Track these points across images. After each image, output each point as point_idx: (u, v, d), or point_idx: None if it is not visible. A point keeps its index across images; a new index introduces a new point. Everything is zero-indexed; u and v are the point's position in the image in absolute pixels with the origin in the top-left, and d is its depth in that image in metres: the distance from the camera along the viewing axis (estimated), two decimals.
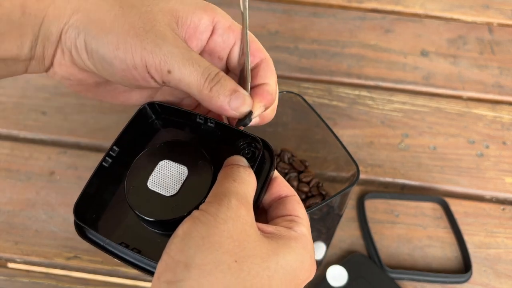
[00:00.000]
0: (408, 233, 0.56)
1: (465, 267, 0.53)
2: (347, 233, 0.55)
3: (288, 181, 0.51)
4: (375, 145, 0.63)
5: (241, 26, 0.32)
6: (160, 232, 0.29)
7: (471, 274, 0.52)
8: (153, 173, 0.29)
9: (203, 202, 0.27)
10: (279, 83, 0.36)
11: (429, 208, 0.58)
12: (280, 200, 0.30)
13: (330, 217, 0.47)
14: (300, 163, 0.53)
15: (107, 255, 0.28)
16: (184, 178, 0.29)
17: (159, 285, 0.24)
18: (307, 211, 0.40)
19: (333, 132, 0.46)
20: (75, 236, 0.55)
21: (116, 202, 0.30)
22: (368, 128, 0.64)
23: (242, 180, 0.27)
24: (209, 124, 0.32)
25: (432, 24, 0.78)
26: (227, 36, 0.31)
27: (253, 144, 0.31)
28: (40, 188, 0.58)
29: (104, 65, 0.28)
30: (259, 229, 0.26)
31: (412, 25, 0.78)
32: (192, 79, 0.28)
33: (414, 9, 0.80)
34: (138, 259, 0.28)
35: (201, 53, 0.31)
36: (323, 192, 0.52)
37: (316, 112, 0.48)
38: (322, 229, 0.49)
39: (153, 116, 0.34)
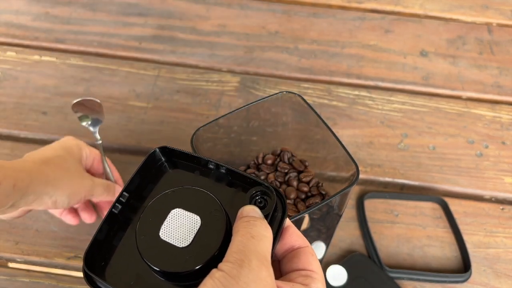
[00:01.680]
0: (408, 232, 0.56)
1: (464, 266, 0.53)
2: (346, 233, 0.56)
3: (288, 181, 0.52)
4: (375, 145, 0.63)
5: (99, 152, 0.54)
6: (172, 282, 0.28)
7: (470, 273, 0.52)
8: (165, 223, 0.29)
9: (217, 254, 0.26)
10: (279, 83, 0.35)
11: (428, 208, 0.58)
12: (294, 252, 0.30)
13: (330, 217, 0.48)
14: (300, 163, 0.53)
15: None
16: (197, 228, 0.28)
17: None
18: (307, 211, 0.40)
19: (333, 132, 0.46)
20: (75, 236, 0.55)
21: (126, 250, 0.30)
22: (367, 128, 0.65)
23: (260, 236, 0.27)
24: (221, 170, 0.32)
25: (431, 24, 0.78)
26: (92, 159, 0.54)
27: (266, 193, 0.30)
28: None
29: (63, 204, 0.47)
30: None
31: (411, 25, 0.78)
32: (102, 192, 0.51)
33: (414, 9, 0.80)
34: None
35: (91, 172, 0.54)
36: (323, 192, 0.52)
37: (316, 112, 0.48)
38: (322, 229, 0.49)
39: (163, 159, 0.33)
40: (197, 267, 0.26)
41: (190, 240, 0.28)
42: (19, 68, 0.71)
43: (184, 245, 0.28)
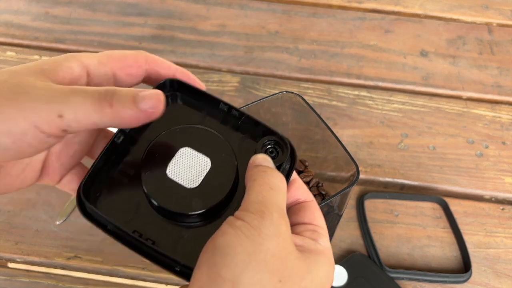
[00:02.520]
0: (408, 232, 0.56)
1: (464, 267, 0.53)
2: (346, 233, 0.55)
3: None
4: (375, 145, 0.63)
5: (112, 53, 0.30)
6: (172, 222, 0.27)
7: (470, 274, 0.52)
8: (173, 160, 0.27)
9: (225, 200, 0.26)
10: (279, 83, 0.35)
11: (428, 208, 0.58)
12: (299, 205, 0.29)
13: (330, 217, 0.48)
14: (300, 163, 0.53)
15: (111, 237, 0.27)
16: (207, 170, 0.27)
17: None
18: None
19: (333, 132, 0.46)
20: (75, 236, 0.55)
21: (126, 185, 0.28)
22: (367, 128, 0.65)
23: (278, 188, 0.26)
24: (233, 113, 0.30)
25: (431, 24, 0.78)
26: (103, 71, 0.29)
27: (278, 143, 0.29)
28: (41, 188, 0.58)
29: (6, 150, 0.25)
30: None
31: (411, 25, 0.78)
32: (87, 108, 0.25)
33: (414, 9, 0.80)
34: (145, 245, 0.26)
35: None
36: (323, 192, 0.52)
37: (316, 112, 0.48)
38: None
39: (174, 94, 0.31)
40: (205, 210, 0.26)
41: (199, 182, 0.27)
42: None
43: (192, 186, 0.27)
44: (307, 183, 0.52)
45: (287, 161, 0.29)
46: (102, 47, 0.74)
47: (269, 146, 0.29)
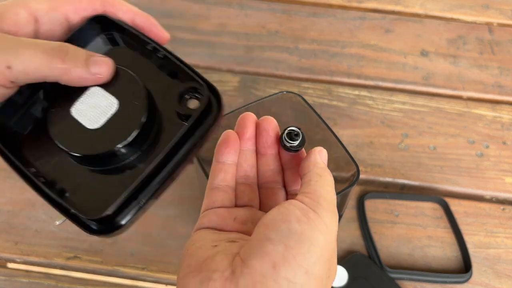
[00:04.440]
0: (408, 233, 0.56)
1: (465, 267, 0.53)
2: (347, 233, 0.55)
3: None
4: (375, 145, 0.63)
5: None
6: (77, 164, 0.26)
7: (471, 274, 0.52)
8: (79, 100, 0.26)
9: (128, 148, 0.25)
10: (279, 83, 0.35)
11: (429, 208, 0.58)
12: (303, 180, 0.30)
13: None
14: None
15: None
16: (112, 112, 0.26)
17: (277, 278, 0.23)
18: None
19: (333, 132, 0.46)
20: (75, 236, 0.55)
21: (39, 124, 0.27)
22: (368, 128, 0.64)
23: (333, 186, 0.29)
24: (158, 54, 0.28)
25: (432, 24, 0.78)
26: (54, 16, 0.28)
27: (198, 90, 0.27)
28: None
29: None
30: None
31: (412, 25, 0.78)
32: (37, 61, 0.25)
33: (414, 9, 0.80)
34: (39, 186, 0.26)
35: None
36: None
37: (316, 112, 0.47)
38: None
39: (99, 31, 0.29)
40: (102, 152, 0.25)
41: (101, 123, 0.26)
42: None
43: (93, 127, 0.26)
44: None
45: (213, 112, 0.27)
46: None
47: (192, 93, 0.28)
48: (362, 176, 0.60)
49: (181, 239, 0.54)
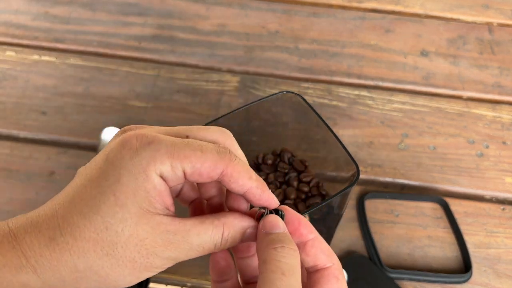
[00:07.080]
0: (408, 233, 0.56)
1: (465, 267, 0.53)
2: (347, 233, 0.55)
3: (288, 181, 0.51)
4: (375, 145, 0.63)
5: None
6: None
7: (471, 274, 0.52)
8: None
9: None
10: (279, 83, 0.35)
11: (429, 208, 0.58)
12: (317, 273, 0.27)
13: (330, 217, 0.47)
14: (300, 163, 0.53)
15: None
16: None
17: None
18: (307, 211, 0.40)
19: (333, 132, 0.46)
20: None
21: None
22: (368, 128, 0.64)
23: (292, 271, 0.24)
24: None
25: (432, 24, 0.78)
26: (175, 176, 0.27)
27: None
28: (40, 188, 0.58)
29: None
30: None
31: (412, 25, 0.78)
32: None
33: (414, 9, 0.80)
34: None
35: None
36: (323, 192, 0.51)
37: (316, 112, 0.47)
38: (322, 229, 0.49)
39: None
40: None
41: None
42: (19, 68, 0.70)
43: None
44: (307, 183, 0.51)
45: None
46: (101, 47, 0.73)
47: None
48: (362, 176, 0.60)
49: None
